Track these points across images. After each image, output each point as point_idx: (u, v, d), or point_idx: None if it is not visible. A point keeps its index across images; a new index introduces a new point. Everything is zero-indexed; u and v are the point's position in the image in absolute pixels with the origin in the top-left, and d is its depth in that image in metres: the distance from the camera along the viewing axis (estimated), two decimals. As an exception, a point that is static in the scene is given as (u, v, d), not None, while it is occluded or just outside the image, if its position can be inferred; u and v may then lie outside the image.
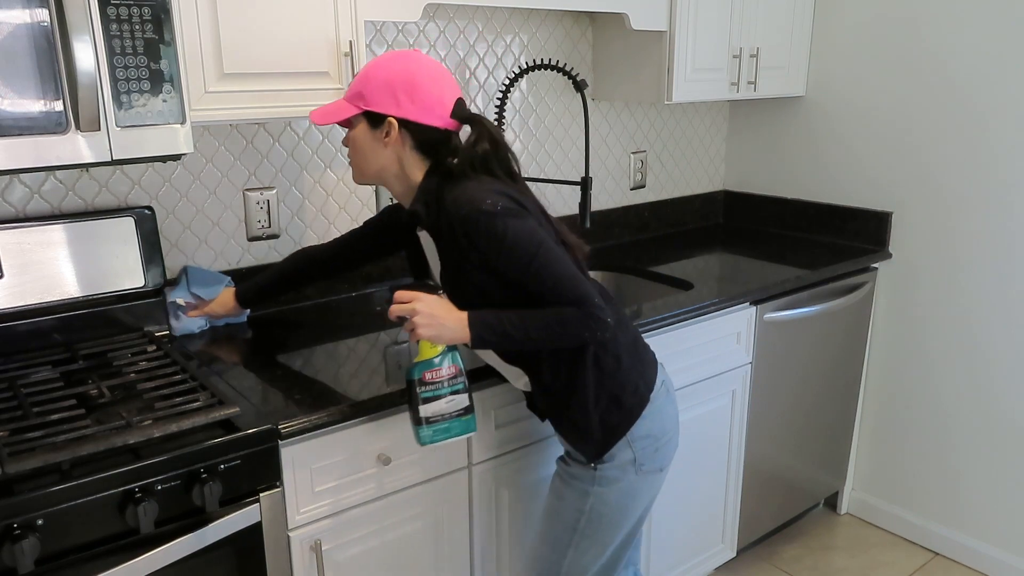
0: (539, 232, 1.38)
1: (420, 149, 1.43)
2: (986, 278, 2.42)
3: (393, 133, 1.41)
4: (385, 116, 1.40)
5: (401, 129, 1.41)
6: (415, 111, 1.39)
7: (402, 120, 1.40)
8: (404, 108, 1.39)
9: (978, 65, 2.34)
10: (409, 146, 1.43)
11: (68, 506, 1.19)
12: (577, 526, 1.57)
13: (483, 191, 1.37)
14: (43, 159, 1.28)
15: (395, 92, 1.38)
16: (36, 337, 1.64)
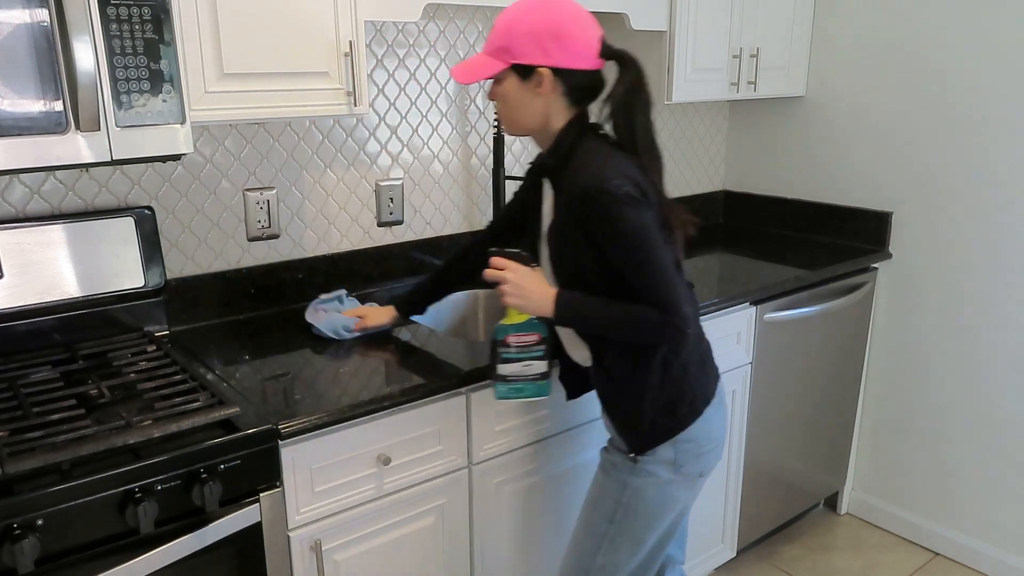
0: (651, 229, 1.37)
1: (569, 95, 1.43)
2: (986, 278, 2.42)
3: (546, 82, 1.40)
4: (534, 67, 1.39)
5: (554, 77, 1.40)
6: (566, 57, 1.38)
7: (553, 68, 1.39)
8: (554, 56, 1.38)
9: (978, 65, 2.34)
10: (560, 92, 1.42)
11: (68, 506, 1.19)
12: (614, 517, 1.57)
13: (611, 168, 1.36)
14: (43, 159, 1.28)
15: (542, 41, 1.37)
16: (36, 337, 1.64)
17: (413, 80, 2.15)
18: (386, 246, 2.19)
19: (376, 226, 2.17)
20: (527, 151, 2.45)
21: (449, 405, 1.62)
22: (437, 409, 1.61)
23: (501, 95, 1.45)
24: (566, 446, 1.86)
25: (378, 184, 2.15)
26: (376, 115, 2.11)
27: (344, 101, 1.68)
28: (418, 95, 2.17)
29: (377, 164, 2.14)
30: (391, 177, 2.18)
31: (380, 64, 2.08)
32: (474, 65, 1.44)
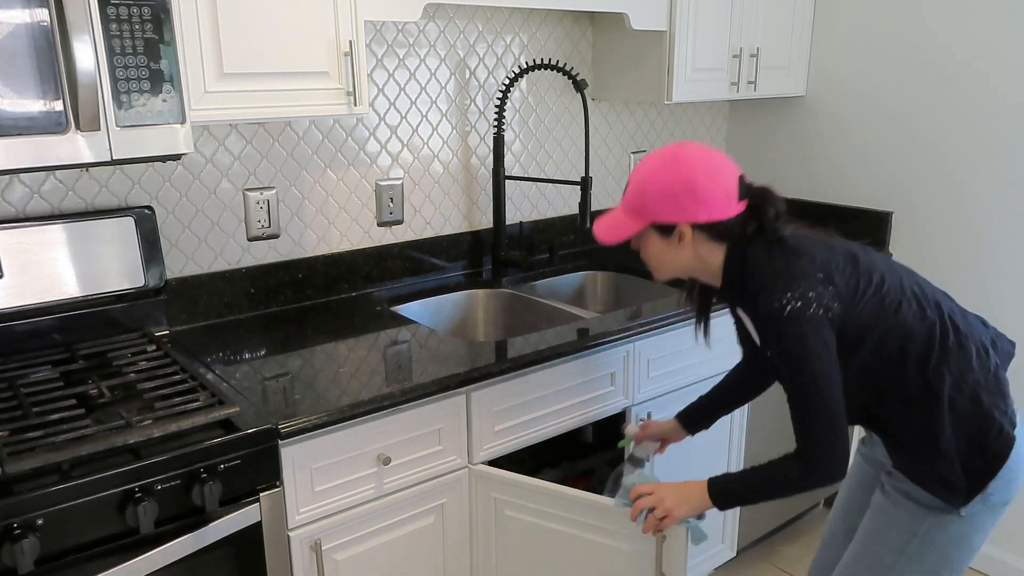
0: (814, 352, 1.29)
1: (716, 239, 1.40)
2: (987, 277, 2.42)
3: (686, 238, 1.38)
4: (674, 224, 1.37)
5: (694, 231, 1.38)
6: (703, 212, 1.36)
7: (696, 224, 1.37)
8: (691, 213, 1.36)
9: (978, 65, 2.33)
10: (704, 239, 1.39)
11: (68, 506, 1.19)
12: (906, 549, 1.45)
13: (779, 278, 1.32)
14: (43, 159, 1.28)
15: (677, 200, 1.35)
16: (36, 337, 1.64)
17: (413, 80, 2.15)
18: (386, 246, 2.19)
19: (376, 226, 2.17)
20: (527, 151, 2.45)
21: (449, 405, 1.63)
22: (437, 409, 1.61)
23: (645, 251, 1.44)
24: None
25: (378, 184, 2.15)
26: (376, 115, 2.11)
27: (344, 101, 1.68)
28: (418, 95, 2.17)
29: (377, 164, 2.14)
30: (391, 177, 2.18)
31: (380, 64, 2.08)
32: (614, 223, 1.43)
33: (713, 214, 1.36)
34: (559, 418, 1.83)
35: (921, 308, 1.39)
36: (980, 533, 1.44)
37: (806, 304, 1.30)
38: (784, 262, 1.34)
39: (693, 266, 1.44)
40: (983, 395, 1.39)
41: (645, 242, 1.43)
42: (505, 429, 1.73)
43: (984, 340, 1.44)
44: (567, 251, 2.60)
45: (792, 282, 1.31)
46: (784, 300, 1.30)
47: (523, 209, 2.49)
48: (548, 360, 1.74)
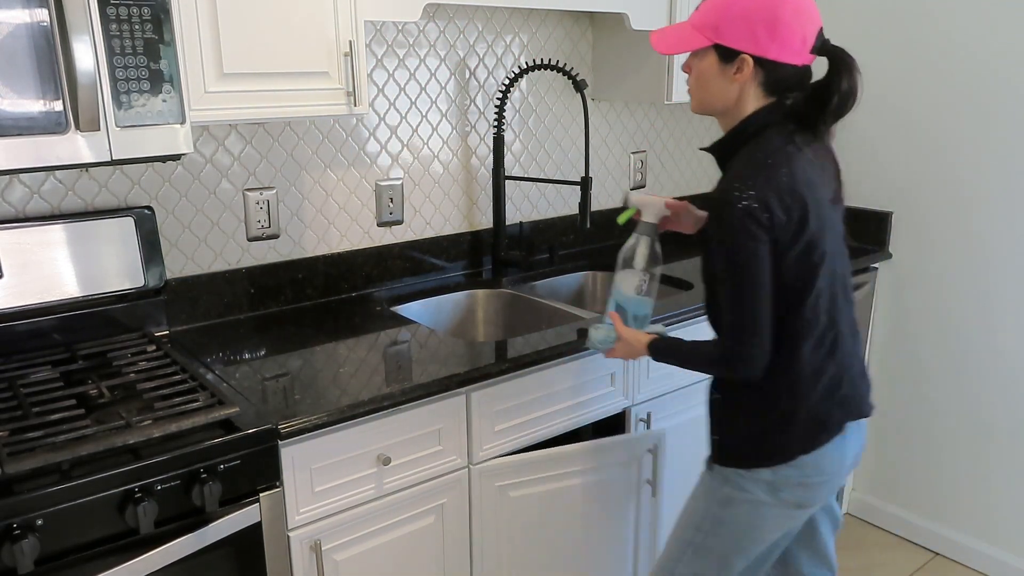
0: (752, 259, 1.31)
1: (766, 86, 1.35)
2: (987, 277, 2.42)
3: (746, 71, 1.33)
4: (739, 52, 1.32)
5: (755, 66, 1.33)
6: (774, 49, 1.30)
7: (758, 57, 1.32)
8: (762, 46, 1.30)
9: (979, 65, 2.33)
10: (758, 82, 1.35)
11: (68, 506, 1.19)
12: (701, 526, 1.53)
13: (750, 179, 1.30)
14: (43, 159, 1.28)
15: (754, 27, 1.30)
16: (36, 337, 1.64)
17: (413, 80, 2.15)
18: (386, 246, 2.19)
19: (376, 226, 2.17)
20: (527, 151, 2.45)
21: (449, 405, 1.63)
22: (437, 409, 1.61)
23: (697, 71, 1.39)
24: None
25: (378, 184, 2.15)
26: (376, 115, 2.11)
27: (344, 101, 1.68)
28: (418, 95, 2.17)
29: (377, 164, 2.14)
30: (391, 177, 2.18)
31: (380, 64, 2.08)
32: (676, 35, 1.38)
33: (783, 54, 1.31)
34: (559, 418, 1.83)
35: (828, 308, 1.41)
36: (766, 526, 1.47)
37: (760, 209, 1.29)
38: (776, 170, 1.32)
39: (730, 107, 1.39)
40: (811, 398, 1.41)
41: (700, 63, 1.38)
42: (505, 429, 1.73)
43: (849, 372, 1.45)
44: (567, 251, 2.60)
45: (759, 190, 1.29)
46: (745, 197, 1.29)
47: (523, 209, 2.49)
48: (548, 360, 1.74)
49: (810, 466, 1.43)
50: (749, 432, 1.45)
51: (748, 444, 1.46)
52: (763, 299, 1.33)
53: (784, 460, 1.42)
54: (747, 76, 1.35)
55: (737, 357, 1.36)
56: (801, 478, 1.43)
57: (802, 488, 1.44)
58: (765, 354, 1.36)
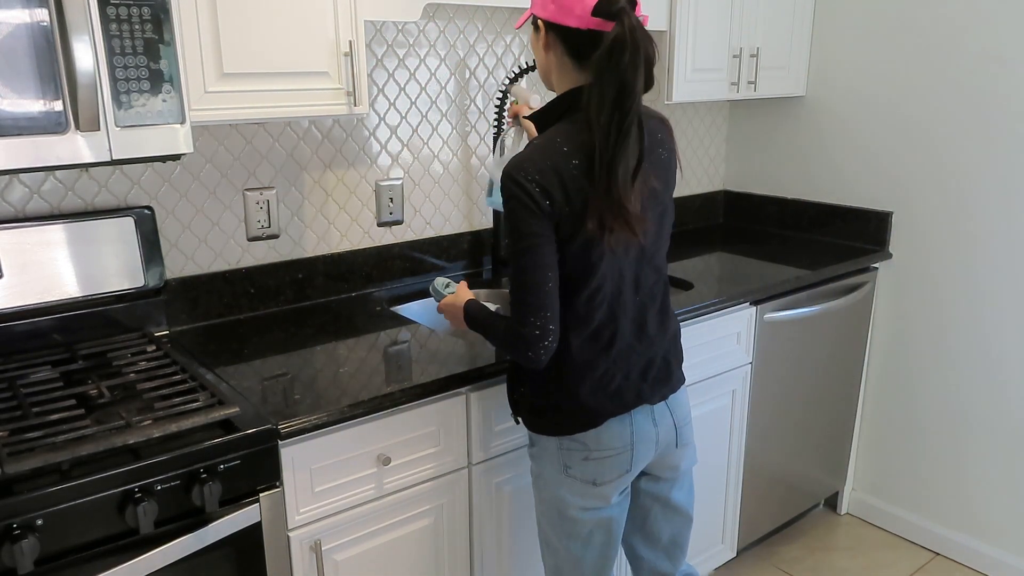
0: (532, 241, 1.30)
1: (571, 55, 1.35)
2: (986, 278, 2.42)
3: (542, 36, 1.37)
4: (539, 19, 1.37)
5: (548, 32, 1.36)
6: (555, 12, 1.32)
7: (547, 22, 1.35)
8: (548, 10, 1.34)
9: (978, 65, 2.33)
10: (561, 51, 1.36)
11: (68, 506, 1.19)
12: (537, 513, 1.60)
13: (542, 159, 1.29)
14: (43, 159, 1.28)
15: None
16: (36, 337, 1.64)
17: (413, 80, 2.15)
18: (386, 246, 2.19)
19: (376, 226, 2.17)
20: (527, 151, 2.45)
21: (449, 405, 1.62)
22: (437, 409, 1.61)
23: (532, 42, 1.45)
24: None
25: (378, 184, 2.15)
26: (376, 115, 2.11)
27: (344, 101, 1.68)
28: (418, 95, 2.17)
29: (377, 164, 2.14)
30: (391, 177, 2.18)
31: (380, 64, 2.08)
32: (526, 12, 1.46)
33: (561, 16, 1.31)
34: (559, 418, 1.83)
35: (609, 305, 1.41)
36: (577, 508, 1.49)
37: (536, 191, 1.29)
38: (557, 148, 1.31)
39: (546, 76, 1.43)
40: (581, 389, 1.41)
41: (531, 36, 1.43)
42: (505, 429, 1.73)
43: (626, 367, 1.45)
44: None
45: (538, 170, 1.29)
46: (522, 176, 1.29)
47: (523, 209, 2.48)
48: (548, 360, 1.74)
49: (591, 440, 1.44)
50: (531, 406, 1.49)
51: (532, 415, 1.50)
52: (541, 281, 1.32)
53: (561, 434, 1.46)
54: (546, 42, 1.37)
55: (519, 338, 1.34)
56: (584, 452, 1.45)
57: (590, 464, 1.46)
58: (550, 334, 1.33)
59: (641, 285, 1.45)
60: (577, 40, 1.33)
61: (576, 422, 1.44)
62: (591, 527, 1.52)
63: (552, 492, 1.52)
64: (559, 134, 1.33)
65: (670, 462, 1.57)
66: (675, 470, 1.59)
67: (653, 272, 1.47)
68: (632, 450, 1.47)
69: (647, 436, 1.48)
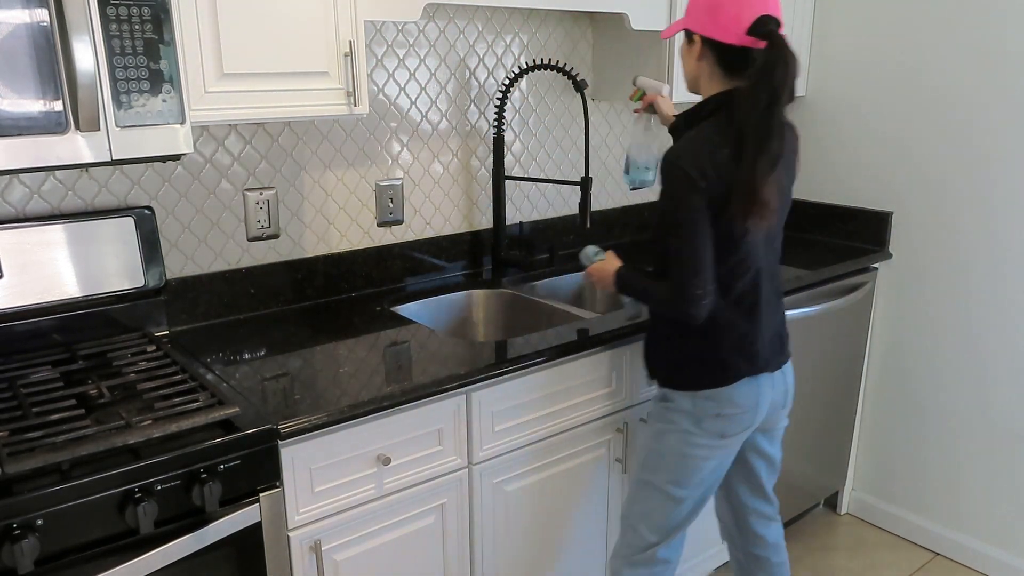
0: (693, 215, 1.50)
1: (721, 66, 1.56)
2: (986, 278, 2.42)
3: (696, 48, 1.57)
4: (694, 33, 1.57)
5: (703, 45, 1.55)
6: (713, 29, 1.52)
7: (704, 37, 1.54)
8: (705, 26, 1.54)
9: (978, 66, 2.33)
10: (712, 61, 1.56)
11: (68, 506, 1.19)
12: (645, 463, 1.75)
13: (696, 148, 1.51)
14: (43, 159, 1.28)
15: (699, 11, 1.55)
16: (36, 337, 1.64)
17: (413, 80, 2.15)
18: (386, 246, 2.19)
19: (376, 226, 2.17)
20: (527, 151, 2.45)
21: (449, 405, 1.63)
22: (437, 409, 1.61)
23: (681, 53, 1.65)
24: (566, 446, 1.86)
25: (378, 184, 2.15)
26: (376, 115, 2.11)
27: (344, 101, 1.68)
28: (418, 95, 2.17)
29: (377, 164, 2.14)
30: (391, 177, 2.18)
31: (380, 64, 2.08)
32: (673, 23, 1.66)
33: (719, 34, 1.52)
34: (559, 418, 1.83)
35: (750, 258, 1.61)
36: (697, 456, 1.68)
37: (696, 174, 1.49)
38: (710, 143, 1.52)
39: (694, 82, 1.64)
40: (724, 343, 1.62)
41: (682, 46, 1.64)
42: (505, 429, 1.73)
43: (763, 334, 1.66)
44: (567, 251, 2.60)
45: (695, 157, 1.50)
46: (684, 162, 1.50)
47: (523, 209, 2.49)
48: (548, 360, 1.74)
49: (724, 398, 1.64)
50: (673, 361, 1.69)
51: (669, 371, 1.71)
52: (701, 247, 1.52)
53: (697, 389, 1.65)
54: (697, 52, 1.57)
55: (682, 296, 1.53)
56: (717, 409, 1.64)
57: (720, 419, 1.65)
58: (708, 293, 1.54)
59: (768, 264, 1.66)
60: (730, 55, 1.53)
61: (713, 377, 1.63)
62: (707, 475, 1.71)
63: (682, 440, 1.68)
64: (710, 129, 1.54)
65: (774, 422, 1.79)
66: (776, 429, 1.81)
67: (773, 253, 1.69)
68: (756, 409, 1.67)
69: (767, 398, 1.69)
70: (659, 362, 1.73)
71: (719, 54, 1.54)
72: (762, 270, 1.64)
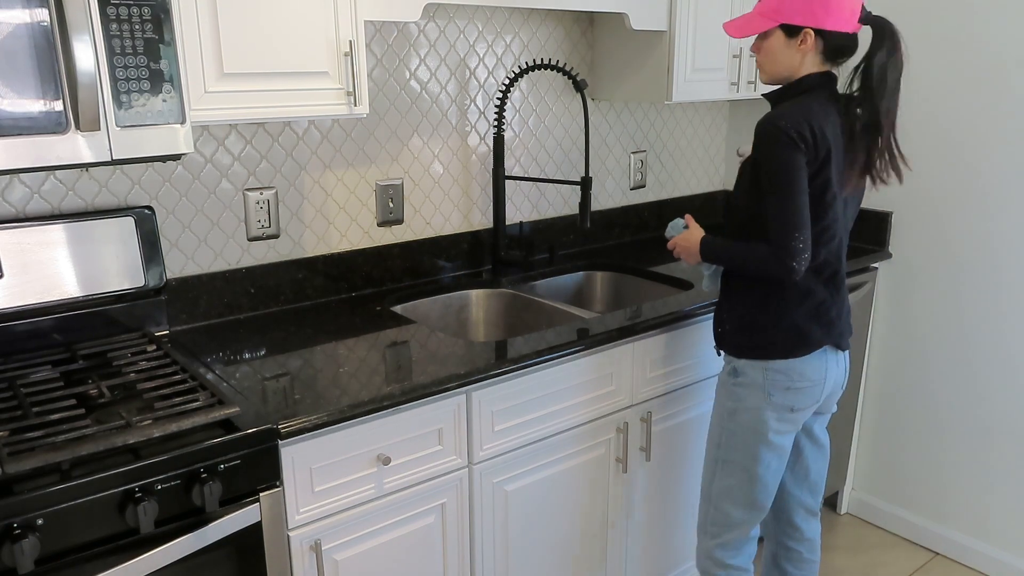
0: (796, 173, 1.54)
1: (825, 53, 1.62)
2: (986, 278, 2.42)
3: (809, 41, 1.60)
4: (802, 27, 1.59)
5: (817, 37, 1.59)
6: (830, 21, 1.57)
7: (816, 29, 1.58)
8: (820, 19, 1.57)
9: (977, 66, 2.33)
10: (818, 50, 1.61)
11: (68, 506, 1.19)
12: (720, 441, 1.78)
13: (795, 113, 1.55)
14: (43, 159, 1.28)
15: (811, 4, 1.57)
16: (36, 337, 1.64)
17: (413, 80, 2.15)
18: (386, 246, 2.19)
19: (376, 226, 2.17)
20: (527, 151, 2.45)
21: (449, 405, 1.63)
22: (437, 409, 1.61)
23: (766, 49, 1.66)
24: (566, 446, 1.87)
25: (378, 184, 2.15)
26: (376, 115, 2.11)
27: (344, 101, 1.68)
28: (418, 95, 2.17)
29: (377, 164, 2.14)
30: (391, 177, 2.18)
31: (380, 64, 2.08)
32: (746, 22, 1.65)
33: (837, 24, 1.58)
34: (559, 418, 1.83)
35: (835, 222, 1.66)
36: (769, 429, 1.70)
37: (799, 136, 1.54)
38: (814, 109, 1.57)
39: (794, 72, 1.65)
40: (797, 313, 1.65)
41: (769, 43, 1.64)
42: (505, 429, 1.73)
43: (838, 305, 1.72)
44: (567, 251, 2.60)
45: (800, 120, 1.55)
46: (788, 123, 1.54)
47: (523, 209, 2.49)
48: (548, 360, 1.74)
49: (795, 371, 1.67)
50: (742, 325, 1.71)
51: (742, 336, 1.72)
52: (803, 204, 1.55)
53: (769, 356, 1.68)
54: (809, 46, 1.60)
55: (785, 250, 1.55)
56: (787, 382, 1.68)
57: (790, 393, 1.68)
58: (808, 249, 1.56)
59: (845, 238, 1.71)
60: (842, 41, 1.61)
61: (786, 345, 1.66)
62: (779, 448, 1.74)
63: (753, 416, 1.71)
64: (809, 101, 1.60)
65: (828, 405, 1.83)
66: (828, 413, 1.86)
67: (846, 235, 1.73)
68: (824, 384, 1.71)
69: (832, 375, 1.73)
70: (731, 328, 1.74)
71: (830, 42, 1.60)
72: (843, 241, 1.69)
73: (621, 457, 1.99)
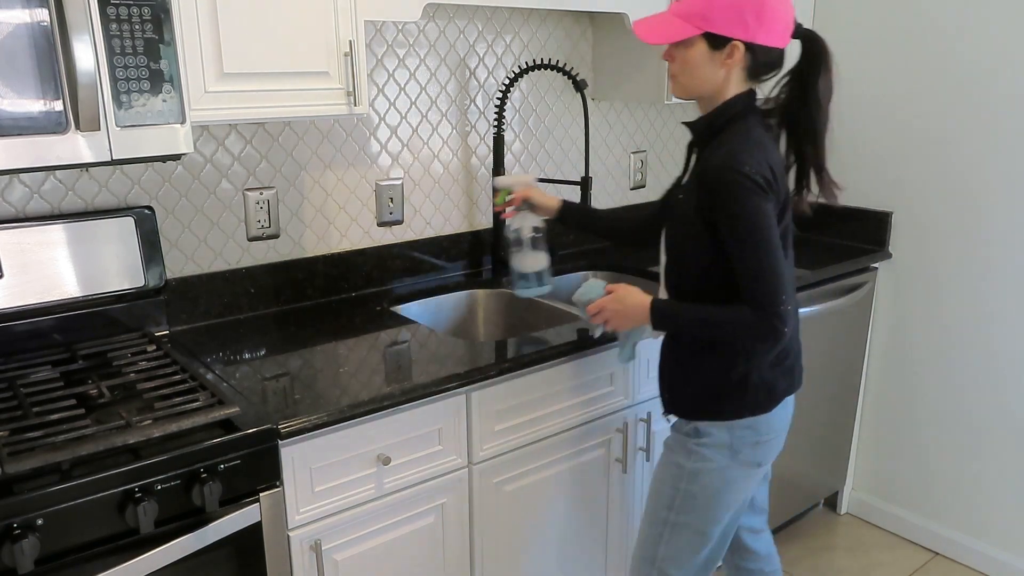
0: (768, 221, 1.38)
1: (750, 70, 1.44)
2: (986, 277, 2.42)
3: (737, 56, 1.41)
4: (729, 38, 1.39)
5: (746, 51, 1.41)
6: (763, 34, 1.39)
7: (747, 42, 1.39)
8: (752, 31, 1.38)
9: (979, 65, 2.34)
10: (744, 66, 1.43)
11: (68, 506, 1.19)
12: (672, 504, 1.60)
13: (748, 152, 1.38)
14: (43, 159, 1.28)
15: (744, 15, 1.37)
16: (36, 337, 1.64)
17: (413, 80, 2.15)
18: (386, 246, 2.19)
19: (376, 226, 2.17)
20: (527, 151, 2.45)
21: (449, 405, 1.63)
22: (437, 409, 1.61)
23: (682, 59, 1.45)
24: (566, 446, 1.87)
25: (378, 184, 2.15)
26: (376, 115, 2.11)
27: (344, 101, 1.68)
28: (418, 95, 2.17)
29: (377, 164, 2.14)
30: (391, 177, 2.18)
31: (380, 64, 2.08)
32: (662, 25, 1.43)
33: (770, 39, 1.40)
34: (559, 418, 1.83)
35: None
36: (733, 489, 1.56)
37: (763, 180, 1.37)
38: (764, 145, 1.42)
39: (715, 90, 1.46)
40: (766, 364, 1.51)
41: (688, 51, 1.44)
42: (505, 429, 1.73)
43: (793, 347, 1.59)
44: (567, 251, 2.60)
45: (758, 161, 1.38)
46: (751, 167, 1.36)
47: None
48: (548, 360, 1.74)
49: (763, 425, 1.54)
50: (705, 391, 1.53)
51: (706, 401, 1.54)
52: (782, 258, 1.40)
53: (738, 416, 1.52)
54: (736, 61, 1.42)
55: (776, 316, 1.38)
56: (755, 437, 1.54)
57: (759, 447, 1.55)
58: (791, 312, 1.41)
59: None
60: (768, 57, 1.43)
61: (756, 402, 1.51)
62: (741, 504, 1.62)
63: (719, 477, 1.55)
64: (751, 131, 1.43)
65: None
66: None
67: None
68: (787, 430, 1.61)
69: (791, 418, 1.63)
70: (688, 393, 1.57)
71: (759, 58, 1.43)
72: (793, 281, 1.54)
73: (621, 457, 1.99)
